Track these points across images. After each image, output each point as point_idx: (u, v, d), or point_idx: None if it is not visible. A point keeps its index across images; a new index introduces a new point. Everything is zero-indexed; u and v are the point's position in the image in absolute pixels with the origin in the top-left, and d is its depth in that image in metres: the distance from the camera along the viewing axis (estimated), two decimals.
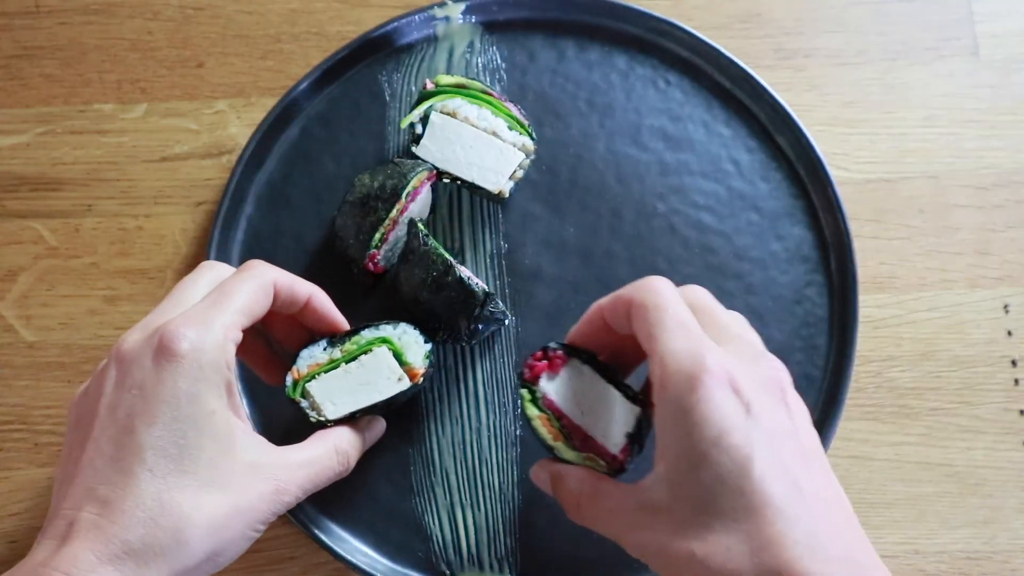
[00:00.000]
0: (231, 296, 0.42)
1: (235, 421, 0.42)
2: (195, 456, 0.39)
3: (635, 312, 0.42)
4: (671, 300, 0.41)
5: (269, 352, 0.51)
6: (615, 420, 0.46)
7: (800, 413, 0.40)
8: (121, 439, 0.39)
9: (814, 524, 0.36)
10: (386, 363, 0.49)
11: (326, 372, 0.49)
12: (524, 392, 0.47)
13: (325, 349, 0.49)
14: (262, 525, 0.42)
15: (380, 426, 0.52)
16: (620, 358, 0.48)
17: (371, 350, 0.49)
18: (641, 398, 0.47)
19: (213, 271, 0.46)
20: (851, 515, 0.39)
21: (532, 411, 0.47)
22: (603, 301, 0.45)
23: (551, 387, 0.47)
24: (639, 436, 0.46)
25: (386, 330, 0.50)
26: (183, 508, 0.38)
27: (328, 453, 0.46)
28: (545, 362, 0.47)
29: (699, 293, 0.44)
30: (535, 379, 0.47)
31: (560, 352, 0.47)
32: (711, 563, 0.36)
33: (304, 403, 0.48)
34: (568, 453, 0.46)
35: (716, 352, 0.39)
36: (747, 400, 0.38)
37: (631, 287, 0.43)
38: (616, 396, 0.46)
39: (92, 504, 0.38)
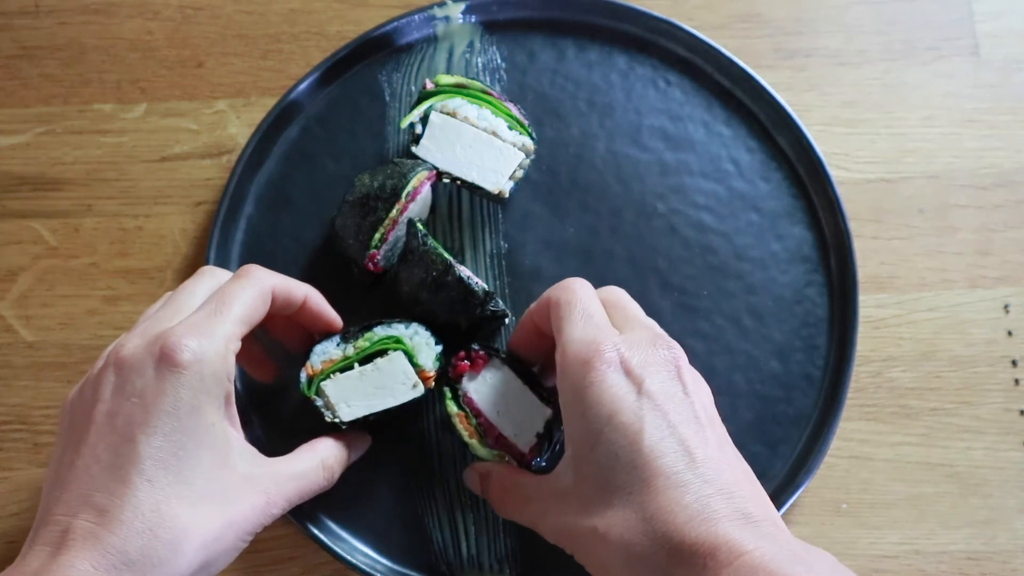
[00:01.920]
0: (230, 305, 0.42)
1: (231, 432, 0.42)
2: (193, 468, 0.39)
3: (552, 310, 0.45)
4: (581, 296, 0.44)
5: (261, 351, 0.51)
6: (527, 420, 0.49)
7: (696, 388, 0.42)
8: (119, 447, 0.38)
9: (705, 488, 0.37)
10: (402, 369, 0.49)
11: (341, 372, 0.49)
12: (446, 390, 0.50)
13: (339, 345, 0.50)
14: (251, 536, 0.42)
15: (365, 442, 0.52)
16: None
17: (387, 353, 0.49)
18: (553, 400, 0.50)
19: (213, 278, 0.46)
20: (747, 474, 0.41)
21: (452, 408, 0.50)
22: (532, 305, 0.48)
23: (472, 386, 0.50)
24: (547, 436, 0.49)
25: (398, 329, 0.50)
26: (180, 520, 0.38)
27: (315, 467, 0.47)
28: (467, 362, 0.50)
29: (615, 293, 0.47)
30: (458, 377, 0.50)
31: (482, 352, 0.50)
32: (610, 537, 0.38)
33: (319, 401, 0.49)
34: (481, 451, 0.49)
35: (611, 338, 0.41)
36: (639, 380, 0.40)
37: (552, 288, 0.46)
38: (530, 397, 0.50)
39: (88, 512, 0.37)
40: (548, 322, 0.46)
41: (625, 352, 0.41)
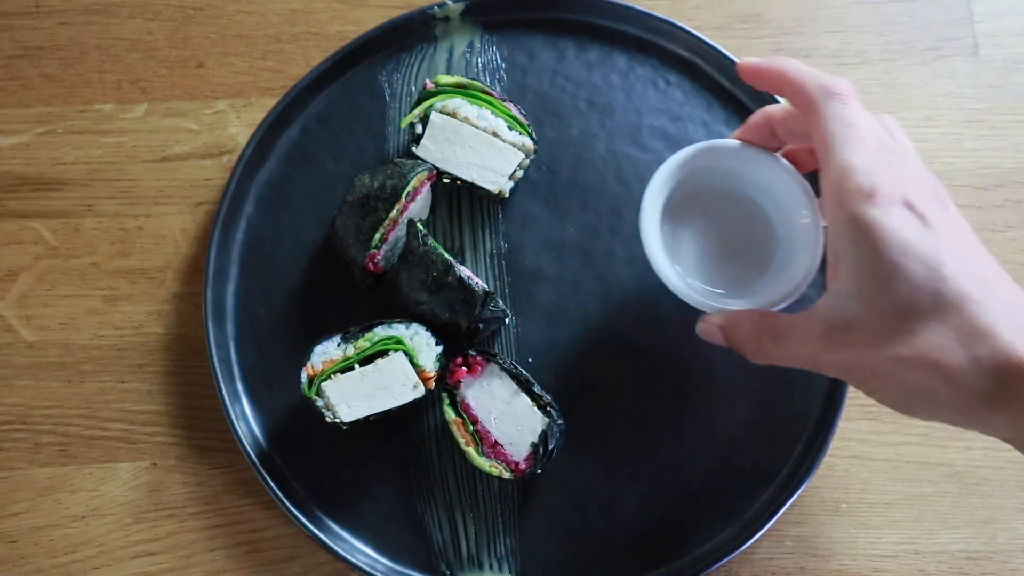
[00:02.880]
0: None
1: None
2: None
3: (819, 121, 0.44)
4: (859, 115, 0.44)
5: None
6: (522, 428, 0.50)
7: (960, 216, 0.43)
8: None
9: (1013, 310, 0.39)
10: (403, 370, 0.50)
11: (341, 372, 0.49)
12: (444, 395, 0.51)
13: (339, 345, 0.50)
14: None
15: None
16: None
17: (387, 353, 0.49)
18: (549, 408, 0.50)
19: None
20: None
21: (450, 414, 0.51)
22: (774, 111, 0.49)
23: (469, 392, 0.51)
24: (542, 445, 0.50)
25: (399, 329, 0.50)
26: None
27: None
28: (464, 368, 0.51)
29: (887, 120, 0.46)
30: (456, 383, 0.51)
31: (480, 358, 0.51)
32: (926, 360, 0.39)
33: (319, 402, 0.49)
34: (477, 459, 0.50)
35: (888, 170, 0.42)
36: (921, 213, 0.41)
37: (817, 90, 0.44)
38: (526, 405, 0.50)
39: None
40: (796, 125, 0.47)
41: (904, 187, 0.41)
